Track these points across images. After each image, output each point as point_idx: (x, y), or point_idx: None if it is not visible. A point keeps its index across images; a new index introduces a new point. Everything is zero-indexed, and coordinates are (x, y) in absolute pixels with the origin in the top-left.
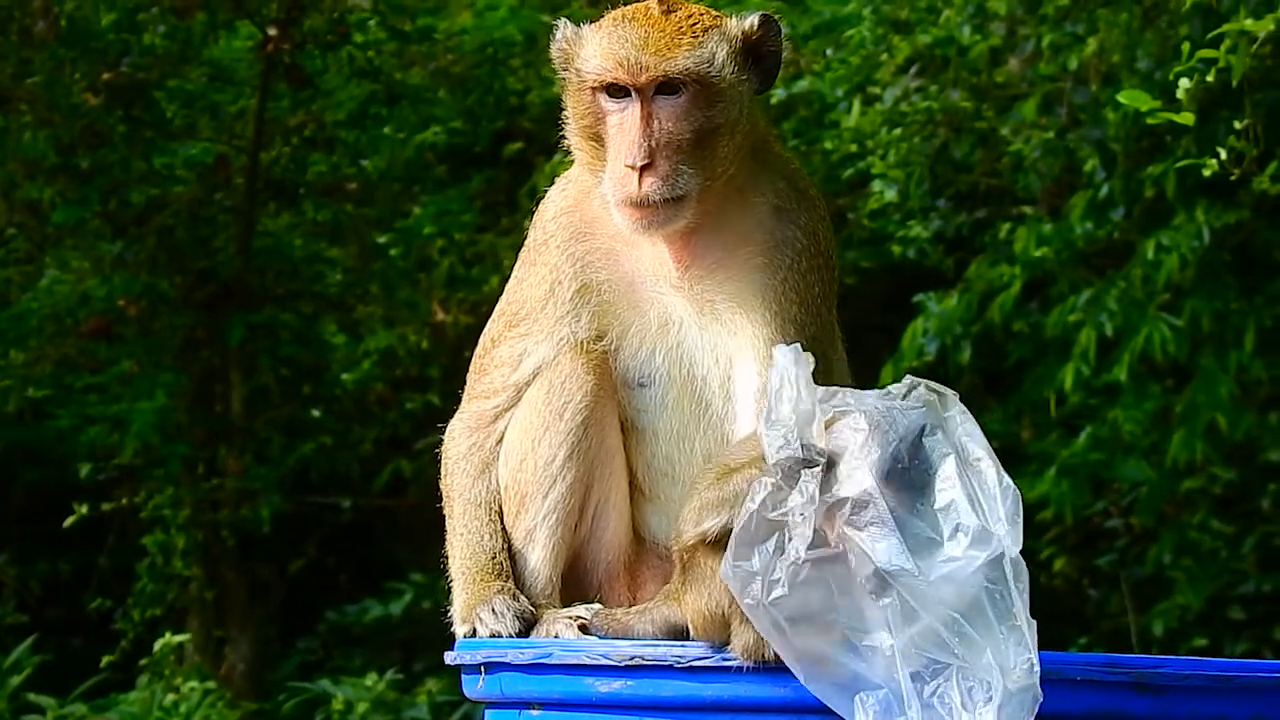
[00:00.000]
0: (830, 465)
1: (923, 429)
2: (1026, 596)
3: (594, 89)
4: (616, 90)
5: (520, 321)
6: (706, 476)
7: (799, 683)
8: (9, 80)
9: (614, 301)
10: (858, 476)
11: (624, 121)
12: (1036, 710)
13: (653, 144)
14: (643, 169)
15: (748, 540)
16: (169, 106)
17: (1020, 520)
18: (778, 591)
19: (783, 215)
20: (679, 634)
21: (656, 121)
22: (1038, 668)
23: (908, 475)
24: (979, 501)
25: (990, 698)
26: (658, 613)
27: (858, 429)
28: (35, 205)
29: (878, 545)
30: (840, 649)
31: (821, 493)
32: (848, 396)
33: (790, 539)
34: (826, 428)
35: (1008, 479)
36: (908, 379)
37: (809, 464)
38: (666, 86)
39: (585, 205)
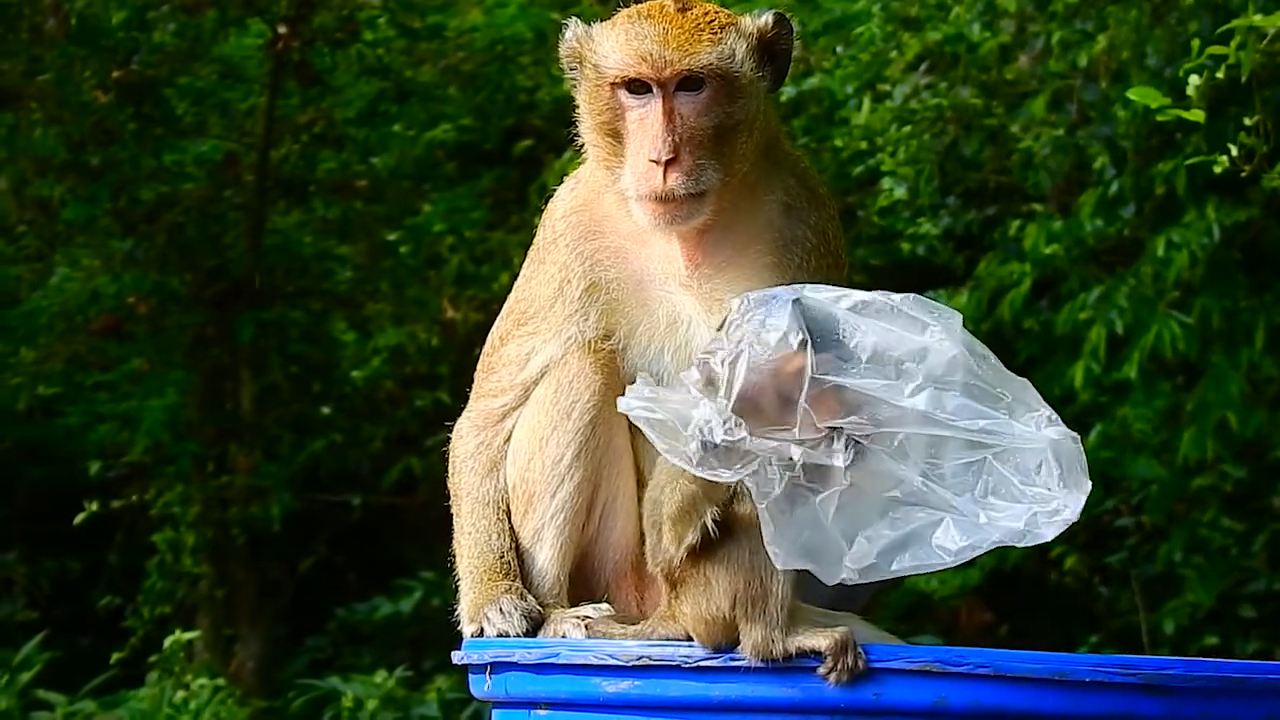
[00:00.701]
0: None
1: (794, 303)
2: (999, 368)
3: (613, 85)
4: (637, 86)
5: (528, 320)
6: (657, 504)
7: (807, 682)
8: (19, 78)
9: (622, 300)
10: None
11: (645, 117)
12: (1082, 450)
13: (676, 139)
14: (667, 164)
15: (784, 505)
16: (179, 104)
17: (933, 304)
18: (835, 505)
19: (793, 214)
20: None
21: (679, 117)
22: (1054, 416)
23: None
24: (889, 328)
25: (1041, 458)
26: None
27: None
28: (45, 203)
29: (861, 407)
30: (895, 521)
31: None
32: (705, 357)
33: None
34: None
35: (883, 293)
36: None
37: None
38: (689, 82)
39: (595, 204)
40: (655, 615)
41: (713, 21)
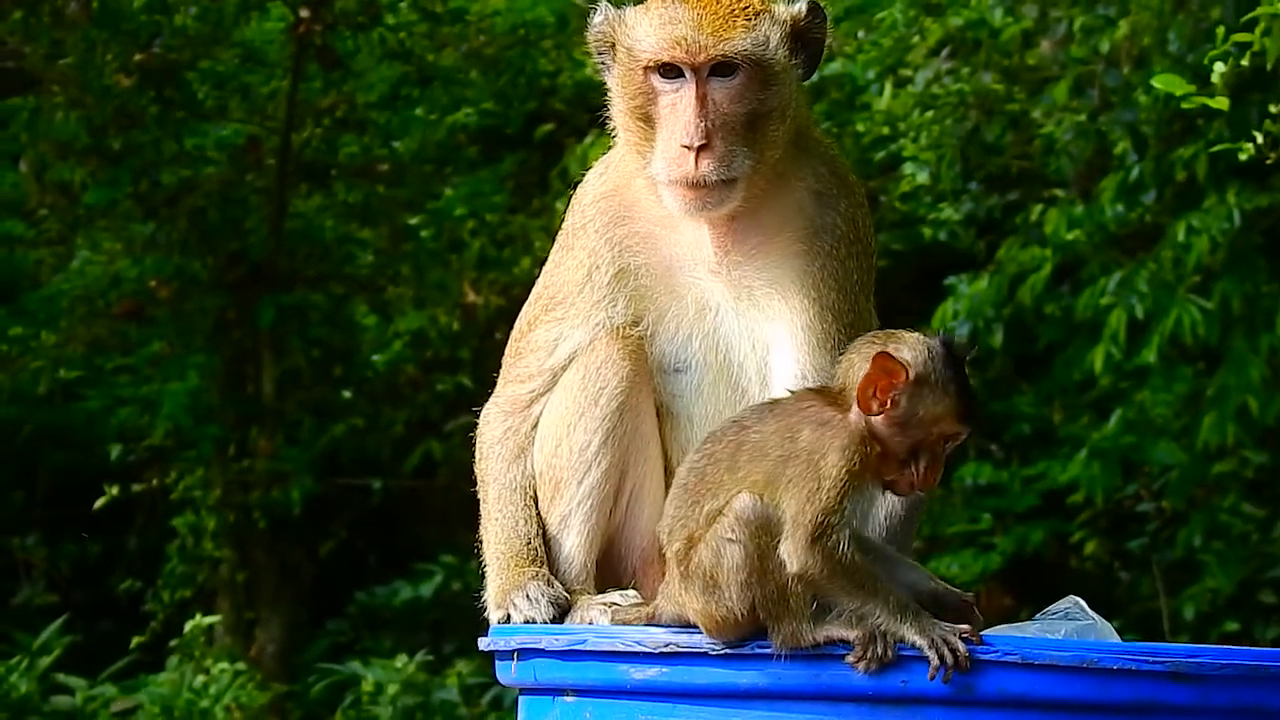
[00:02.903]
0: None
1: None
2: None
3: (646, 69)
4: (670, 70)
5: (556, 306)
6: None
7: (834, 669)
8: (41, 61)
9: (651, 286)
10: None
11: (677, 102)
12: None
13: (709, 125)
14: (699, 149)
15: None
16: (200, 88)
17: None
18: None
19: (823, 201)
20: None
21: (711, 102)
22: None
23: None
24: None
25: None
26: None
27: None
28: (67, 186)
29: None
30: None
31: None
32: None
33: None
34: None
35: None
36: None
37: None
38: (722, 68)
39: (625, 189)
40: (661, 593)
41: (747, 7)
